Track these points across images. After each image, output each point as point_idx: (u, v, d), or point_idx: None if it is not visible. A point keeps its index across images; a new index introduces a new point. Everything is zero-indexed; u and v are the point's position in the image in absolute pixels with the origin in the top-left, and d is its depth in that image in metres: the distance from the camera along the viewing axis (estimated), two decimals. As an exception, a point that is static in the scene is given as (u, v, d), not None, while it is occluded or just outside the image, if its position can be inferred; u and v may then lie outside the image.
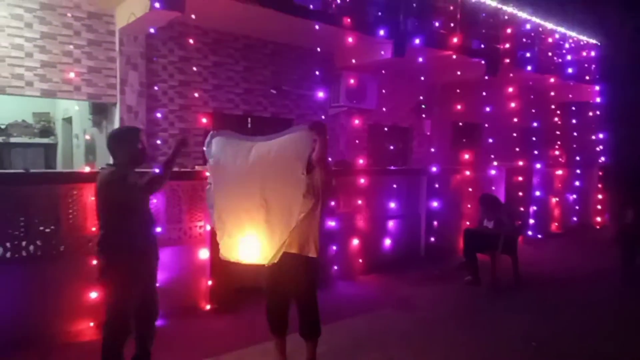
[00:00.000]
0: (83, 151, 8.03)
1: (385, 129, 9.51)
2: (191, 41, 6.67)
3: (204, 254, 5.12)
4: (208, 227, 5.14)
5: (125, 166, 3.23)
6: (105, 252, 3.20)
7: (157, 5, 5.16)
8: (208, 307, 5.08)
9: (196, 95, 6.99)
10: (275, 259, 3.23)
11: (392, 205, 7.13)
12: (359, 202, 6.58)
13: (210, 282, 5.12)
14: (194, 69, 6.95)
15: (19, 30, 5.64)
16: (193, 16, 5.91)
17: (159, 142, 6.65)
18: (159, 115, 6.58)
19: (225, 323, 4.78)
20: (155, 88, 6.60)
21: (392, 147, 9.60)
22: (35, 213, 4.19)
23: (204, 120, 6.72)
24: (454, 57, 8.52)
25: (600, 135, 12.41)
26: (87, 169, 4.51)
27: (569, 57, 11.77)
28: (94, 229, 4.39)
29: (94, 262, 4.27)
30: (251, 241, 3.25)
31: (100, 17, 6.18)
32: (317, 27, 6.70)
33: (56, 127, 9.81)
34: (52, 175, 4.82)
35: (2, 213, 4.04)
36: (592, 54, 12.52)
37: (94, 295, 4.35)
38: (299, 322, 3.54)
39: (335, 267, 6.17)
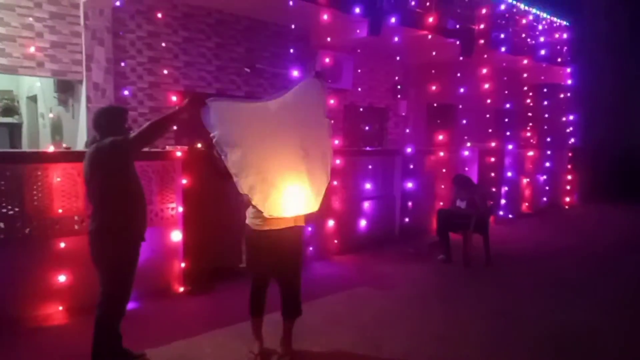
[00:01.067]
0: (49, 131, 7.72)
1: (361, 109, 9.47)
2: (160, 15, 6.42)
3: (176, 235, 5.03)
4: (180, 209, 5.04)
5: None
6: (104, 237, 3.13)
7: (123, -24, 4.92)
8: (181, 289, 5.02)
9: (166, 72, 6.76)
10: (318, 205, 3.37)
11: (368, 186, 7.14)
12: (335, 182, 6.55)
13: (183, 264, 5.05)
14: (164, 44, 6.70)
15: (-27, 1, 5.32)
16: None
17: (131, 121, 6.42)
18: (126, 92, 6.34)
19: (198, 305, 4.76)
20: (123, 64, 6.34)
21: (367, 128, 9.58)
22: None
23: (174, 98, 6.50)
24: (430, 37, 8.49)
25: (571, 117, 12.68)
26: (51, 148, 4.31)
27: (542, 39, 11.89)
28: (60, 210, 4.26)
29: (62, 244, 4.24)
30: (296, 193, 3.29)
31: (63, -11, 5.88)
32: (290, 2, 6.54)
33: (20, 106, 9.39)
34: (16, 154, 4.60)
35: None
36: (564, 35, 12.69)
37: (62, 278, 4.25)
38: (283, 300, 3.55)
39: (311, 248, 6.16)
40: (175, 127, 6.44)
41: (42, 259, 4.20)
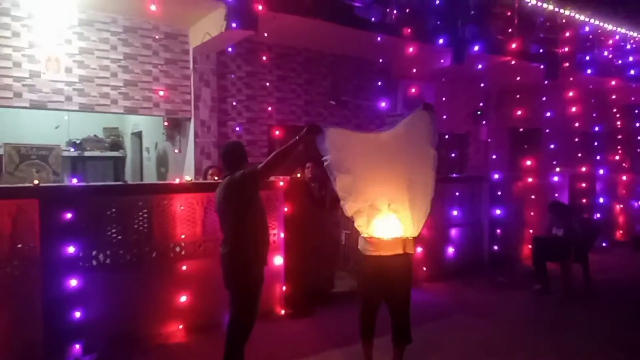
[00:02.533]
0: (155, 163, 8.48)
1: (447, 136, 9.49)
2: (264, 57, 7.03)
3: (278, 260, 5.33)
4: (282, 235, 5.36)
5: None
6: (236, 261, 3.44)
7: (234, 25, 5.46)
8: (283, 312, 5.28)
9: (265, 108, 7.31)
10: (417, 233, 3.52)
11: (455, 213, 7.13)
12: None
13: (284, 288, 5.32)
14: (261, 83, 7.26)
15: (105, 52, 6.10)
16: (266, 34, 6.20)
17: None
18: (237, 129, 6.99)
19: (301, 327, 4.95)
20: (234, 103, 7.02)
21: (452, 155, 9.58)
22: (130, 222, 4.53)
23: (277, 132, 7.01)
24: (513, 62, 8.45)
25: (667, 138, 11.89)
26: (177, 181, 4.82)
27: (630, 59, 11.37)
28: (183, 236, 4.71)
29: (184, 267, 4.66)
30: (399, 219, 3.50)
31: (175, 37, 6.58)
32: (378, 38, 6.85)
33: (125, 141, 10.40)
34: (146, 186, 5.17)
35: (103, 222, 4.40)
36: (655, 54, 12.04)
37: (183, 298, 4.65)
38: (393, 326, 3.67)
39: (424, 269, 6.26)
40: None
41: (166, 281, 4.63)
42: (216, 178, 5.76)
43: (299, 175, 5.64)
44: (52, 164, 9.87)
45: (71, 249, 4.08)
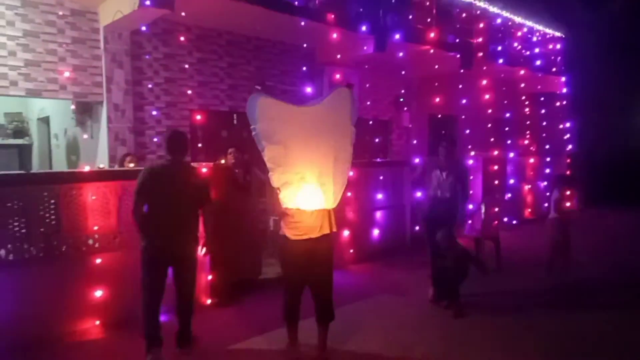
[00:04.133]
0: (64, 151, 7.87)
1: (370, 122, 9.69)
2: (182, 38, 6.72)
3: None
4: (205, 223, 5.20)
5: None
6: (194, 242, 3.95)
7: (147, 2, 5.14)
8: (209, 301, 5.16)
9: (185, 92, 6.99)
10: (336, 204, 3.64)
11: (379, 196, 7.34)
12: (348, 194, 6.74)
13: (210, 277, 5.19)
14: (180, 66, 6.93)
15: (1, 28, 5.51)
16: (183, 14, 5.91)
17: (147, 140, 6.63)
18: (155, 113, 6.64)
19: (227, 316, 4.89)
20: (150, 86, 6.66)
21: (377, 140, 9.81)
22: (35, 214, 4.16)
23: (198, 117, 6.76)
24: (432, 51, 8.78)
25: (568, 124, 13.02)
26: (87, 168, 4.49)
27: (536, 50, 12.27)
28: (96, 227, 4.41)
29: (98, 260, 4.38)
30: (322, 191, 3.57)
31: (83, 15, 6.08)
32: (302, 23, 6.80)
33: (30, 128, 9.56)
34: (51, 175, 4.77)
35: (3, 215, 4.01)
36: (558, 46, 13.09)
37: (98, 293, 4.38)
38: (318, 306, 3.74)
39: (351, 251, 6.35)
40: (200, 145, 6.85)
41: (79, 275, 4.33)
42: (132, 165, 5.46)
43: (222, 161, 5.49)
44: (-57, 154, 8.87)
45: (-36, 246, 3.68)
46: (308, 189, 3.54)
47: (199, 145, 7.08)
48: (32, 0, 5.70)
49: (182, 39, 6.74)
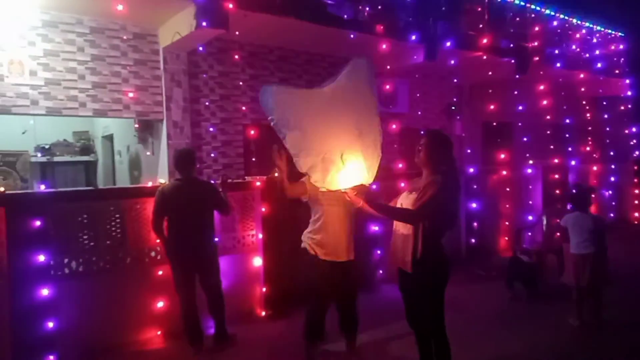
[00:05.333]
0: (127, 167, 8.30)
1: (422, 132, 9.55)
2: (236, 57, 6.95)
3: (257, 261, 5.28)
4: (260, 236, 5.30)
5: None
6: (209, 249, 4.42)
7: (204, 24, 5.37)
8: (263, 313, 5.23)
9: (239, 108, 7.22)
10: (372, 179, 3.53)
11: (432, 207, 7.17)
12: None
13: (264, 289, 5.27)
14: (234, 83, 7.16)
15: (72, 54, 5.92)
16: (237, 33, 6.11)
17: (204, 155, 6.88)
18: (211, 129, 6.94)
19: (281, 328, 4.92)
20: (207, 103, 6.95)
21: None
22: (102, 227, 4.41)
23: (252, 132, 6.98)
24: (484, 57, 8.56)
25: (634, 129, 12.24)
26: (149, 184, 4.72)
27: (597, 52, 11.66)
28: (158, 240, 4.60)
29: (160, 272, 4.56)
30: (353, 169, 3.46)
31: (144, 37, 6.43)
32: (352, 36, 6.84)
33: (95, 145, 10.15)
34: (118, 190, 5.05)
35: (74, 228, 4.27)
36: (620, 47, 12.38)
37: (160, 304, 4.55)
38: (344, 319, 3.93)
39: (380, 271, 6.26)
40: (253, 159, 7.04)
41: (142, 286, 4.53)
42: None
43: (275, 174, 5.57)
44: (20, 171, 9.59)
45: (41, 258, 3.95)
46: (335, 169, 3.46)
47: (253, 159, 7.26)
48: (99, 26, 6.09)
49: (236, 57, 6.96)
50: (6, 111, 5.57)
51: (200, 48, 6.33)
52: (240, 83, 7.23)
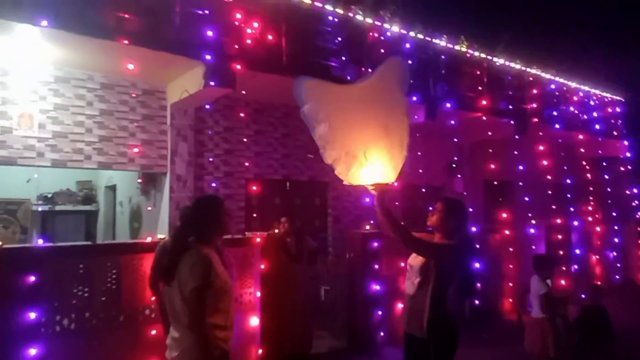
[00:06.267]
0: (128, 218, 8.29)
1: (423, 190, 9.61)
2: (242, 114, 7.10)
3: (254, 321, 5.14)
4: (258, 294, 5.19)
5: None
6: None
7: (212, 83, 5.54)
8: (259, 375, 5.03)
9: (242, 162, 7.31)
10: (394, 178, 3.42)
11: (434, 266, 7.07)
12: (402, 264, 6.56)
13: (260, 351, 5.10)
14: (238, 138, 7.30)
15: (81, 108, 6.07)
16: (244, 92, 6.29)
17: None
18: (214, 185, 6.96)
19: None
20: (211, 159, 7.03)
21: (430, 208, 9.63)
22: (98, 283, 4.33)
23: (254, 188, 7.00)
24: (484, 118, 8.75)
25: (635, 190, 12.27)
26: (148, 239, 4.68)
27: (595, 114, 11.93)
28: (153, 298, 4.51)
29: (153, 332, 4.43)
30: (376, 166, 3.39)
31: (153, 94, 6.62)
32: (354, 95, 7.01)
33: (98, 195, 10.20)
34: (116, 246, 5.00)
35: (68, 284, 4.19)
36: (617, 109, 12.67)
37: (153, 365, 4.39)
38: None
39: (382, 333, 6.07)
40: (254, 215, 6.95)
41: (135, 346, 4.38)
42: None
43: (276, 230, 5.56)
44: (21, 219, 9.58)
45: (32, 315, 3.85)
46: (357, 164, 3.39)
47: (254, 215, 7.26)
48: (109, 82, 6.28)
49: (241, 114, 7.12)
50: (12, 162, 5.65)
51: (208, 106, 6.50)
52: (245, 139, 7.36)
